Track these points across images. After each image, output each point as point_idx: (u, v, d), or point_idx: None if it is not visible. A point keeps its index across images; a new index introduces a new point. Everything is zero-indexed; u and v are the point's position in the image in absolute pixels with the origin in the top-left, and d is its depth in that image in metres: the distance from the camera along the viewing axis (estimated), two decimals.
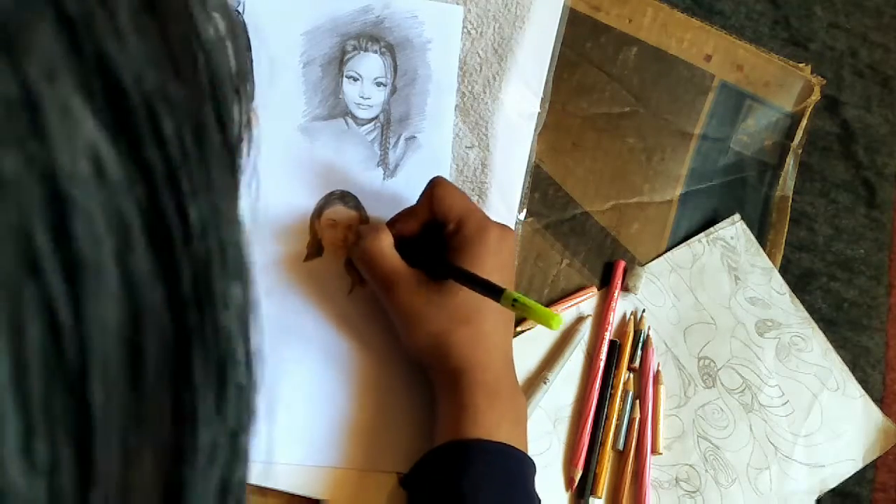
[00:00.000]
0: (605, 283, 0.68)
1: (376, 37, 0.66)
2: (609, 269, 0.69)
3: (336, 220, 0.63)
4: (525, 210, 0.67)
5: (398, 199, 0.63)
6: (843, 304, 0.73)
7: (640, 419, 0.66)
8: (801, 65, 0.74)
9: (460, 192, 0.60)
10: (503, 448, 0.55)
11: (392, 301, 0.58)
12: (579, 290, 0.68)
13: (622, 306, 0.68)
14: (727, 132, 0.73)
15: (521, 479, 0.56)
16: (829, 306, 0.73)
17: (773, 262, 0.72)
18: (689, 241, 0.70)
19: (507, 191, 0.66)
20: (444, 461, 0.56)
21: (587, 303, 0.68)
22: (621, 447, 0.66)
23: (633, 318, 0.68)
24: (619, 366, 0.66)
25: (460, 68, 0.67)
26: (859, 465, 0.70)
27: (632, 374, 0.67)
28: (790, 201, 0.73)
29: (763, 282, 0.71)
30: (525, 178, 0.67)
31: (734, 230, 0.71)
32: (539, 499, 0.57)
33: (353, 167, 0.64)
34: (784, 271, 0.72)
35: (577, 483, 0.64)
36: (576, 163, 0.69)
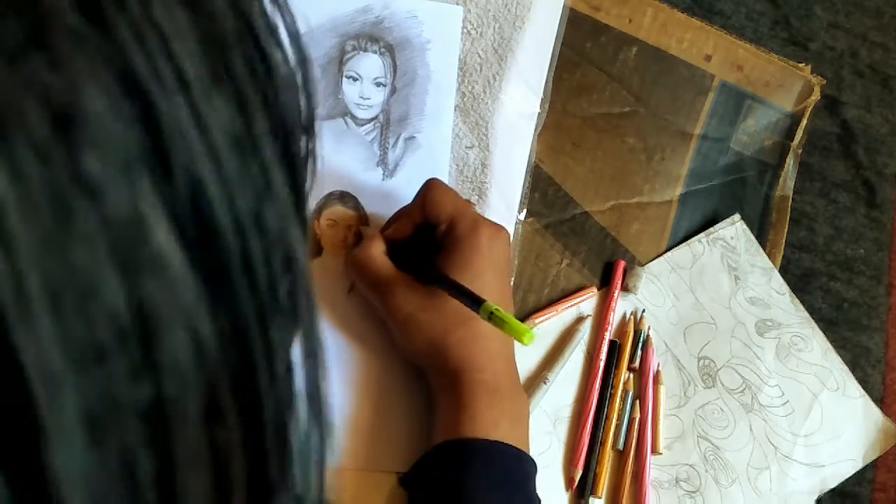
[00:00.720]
0: (605, 283, 0.68)
1: (376, 37, 0.66)
2: (609, 269, 0.69)
3: (335, 220, 0.63)
4: (525, 210, 0.67)
5: (397, 199, 0.63)
6: (843, 304, 0.73)
7: (640, 419, 0.66)
8: (801, 65, 0.74)
9: (454, 193, 0.60)
10: (501, 447, 0.55)
11: (386, 308, 0.58)
12: (579, 290, 0.68)
13: (622, 306, 0.68)
14: (727, 132, 0.72)
15: (519, 478, 0.56)
16: (829, 306, 0.73)
17: (773, 262, 0.72)
18: (689, 241, 0.70)
19: (507, 191, 0.66)
20: (442, 460, 0.56)
21: (587, 303, 0.68)
22: (621, 447, 0.66)
23: (633, 318, 0.68)
24: (619, 366, 0.66)
25: (460, 68, 0.67)
26: (859, 465, 0.70)
27: (632, 374, 0.67)
28: (790, 201, 0.73)
29: (763, 282, 0.71)
30: (525, 178, 0.67)
31: (734, 230, 0.71)
32: (539, 499, 0.57)
33: (353, 167, 0.64)
34: (784, 271, 0.72)
35: (577, 483, 0.64)
36: (576, 163, 0.69)
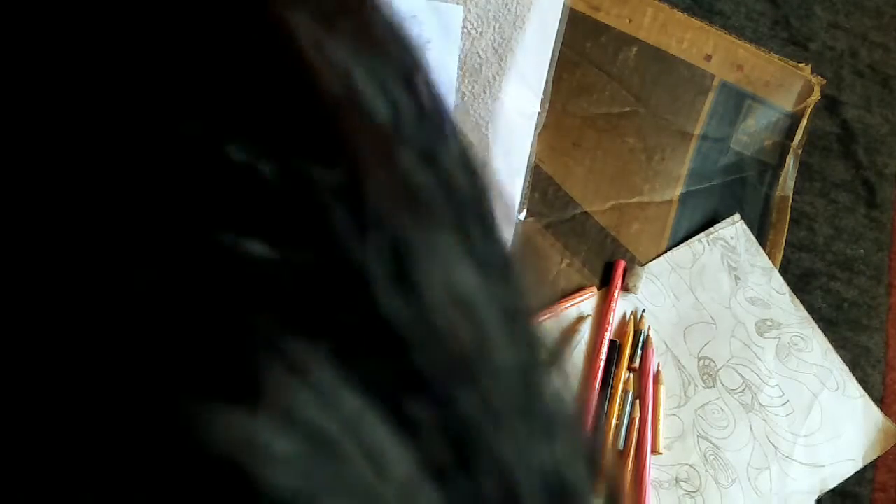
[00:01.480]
0: (605, 283, 0.68)
1: None
2: (609, 269, 0.69)
3: None
4: (525, 210, 0.67)
5: None
6: (843, 304, 0.73)
7: (640, 419, 0.66)
8: (801, 65, 0.74)
9: None
10: None
11: None
12: (579, 290, 0.68)
13: (622, 306, 0.68)
14: (727, 132, 0.73)
15: None
16: (829, 306, 0.73)
17: (773, 262, 0.72)
18: (689, 241, 0.70)
19: (507, 191, 0.66)
20: None
21: (587, 303, 0.68)
22: (621, 447, 0.66)
23: (633, 318, 0.68)
24: (619, 366, 0.66)
25: (460, 68, 0.67)
26: (859, 465, 0.70)
27: (632, 374, 0.67)
28: (790, 201, 0.73)
29: (763, 282, 0.71)
30: (525, 178, 0.67)
31: (734, 230, 0.71)
32: None
33: None
34: (784, 271, 0.72)
35: None
36: (576, 163, 0.69)
